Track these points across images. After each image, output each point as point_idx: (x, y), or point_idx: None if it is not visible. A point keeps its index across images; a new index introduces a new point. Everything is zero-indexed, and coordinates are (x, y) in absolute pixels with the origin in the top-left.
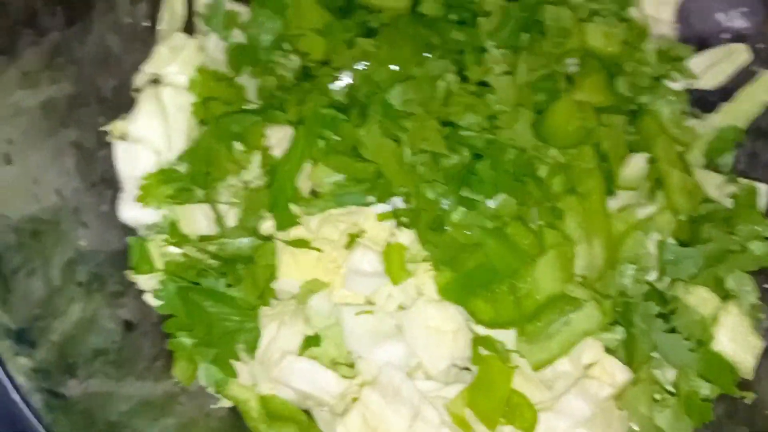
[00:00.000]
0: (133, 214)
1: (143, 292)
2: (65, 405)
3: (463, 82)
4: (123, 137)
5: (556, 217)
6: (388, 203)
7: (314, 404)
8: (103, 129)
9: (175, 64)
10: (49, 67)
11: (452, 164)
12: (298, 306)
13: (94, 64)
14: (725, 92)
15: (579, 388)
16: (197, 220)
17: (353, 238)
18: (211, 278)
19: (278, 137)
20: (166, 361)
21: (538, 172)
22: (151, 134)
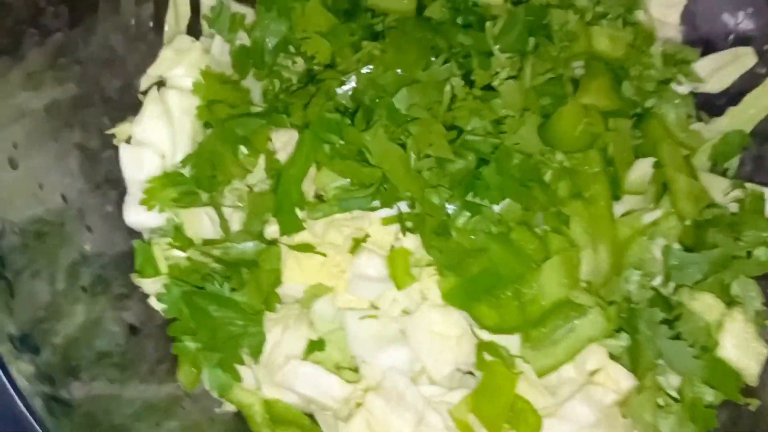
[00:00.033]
0: (138, 217)
1: (148, 296)
2: (68, 409)
3: (469, 86)
4: (128, 140)
5: (562, 222)
6: (393, 208)
7: (318, 408)
8: (108, 132)
9: (180, 67)
10: (53, 67)
11: (458, 169)
12: (302, 310)
13: (98, 65)
14: (732, 95)
15: (583, 394)
16: (202, 224)
17: (358, 242)
18: (215, 282)
19: (283, 141)
20: (170, 364)
21: (544, 176)
22: (156, 137)
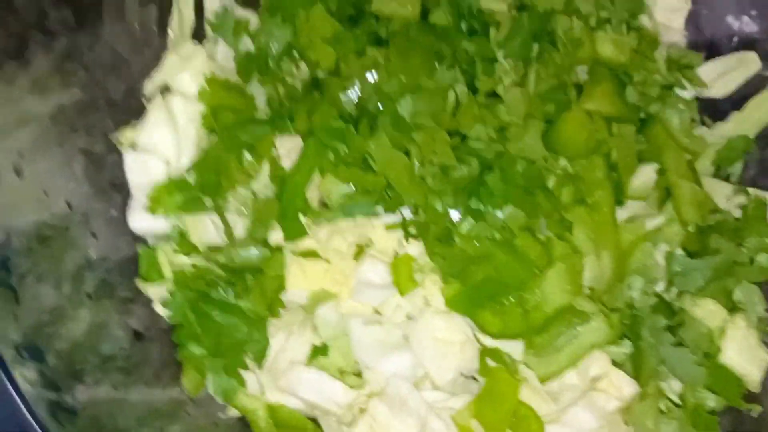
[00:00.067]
0: (143, 223)
1: (152, 301)
2: (73, 415)
3: (473, 93)
4: (132, 146)
5: (565, 229)
6: (397, 214)
7: (322, 414)
8: (112, 137)
9: (184, 73)
10: (58, 71)
11: (461, 175)
12: (306, 315)
13: (103, 69)
14: (736, 100)
15: (586, 401)
16: (206, 230)
17: (361, 249)
18: (219, 289)
19: (287, 147)
20: (174, 369)
21: (547, 182)
22: (161, 144)
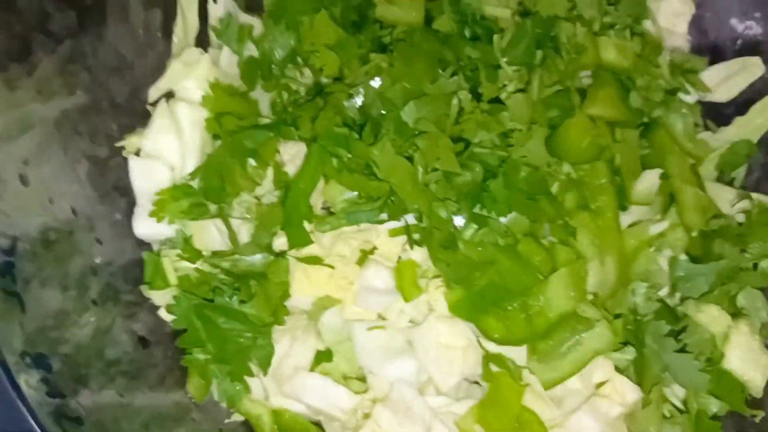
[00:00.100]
0: (148, 229)
1: (157, 306)
2: (77, 421)
3: (476, 99)
4: (137, 153)
5: (569, 234)
6: (401, 220)
7: (326, 419)
8: (118, 144)
9: (189, 80)
10: (62, 75)
11: (464, 182)
12: (310, 322)
13: (106, 72)
14: (739, 105)
15: (589, 406)
16: (211, 236)
17: (365, 254)
18: (224, 295)
19: (291, 153)
20: (179, 374)
21: (551, 188)
22: (166, 150)
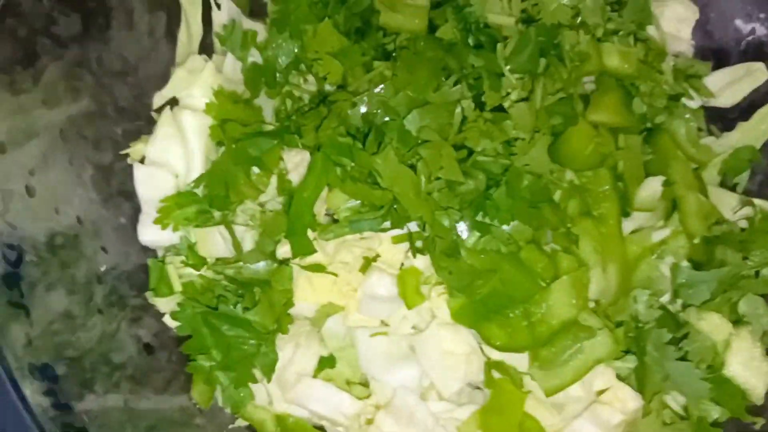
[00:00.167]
0: (153, 236)
1: (161, 312)
2: (82, 426)
3: (479, 107)
4: (142, 160)
5: (572, 242)
6: (404, 228)
7: (329, 424)
8: (123, 152)
9: (193, 87)
10: (66, 79)
11: (467, 190)
12: (313, 328)
13: (111, 76)
14: (743, 110)
15: (590, 413)
16: (215, 243)
17: (368, 261)
18: (228, 303)
19: (295, 161)
20: (183, 380)
21: (554, 195)
22: (170, 157)
